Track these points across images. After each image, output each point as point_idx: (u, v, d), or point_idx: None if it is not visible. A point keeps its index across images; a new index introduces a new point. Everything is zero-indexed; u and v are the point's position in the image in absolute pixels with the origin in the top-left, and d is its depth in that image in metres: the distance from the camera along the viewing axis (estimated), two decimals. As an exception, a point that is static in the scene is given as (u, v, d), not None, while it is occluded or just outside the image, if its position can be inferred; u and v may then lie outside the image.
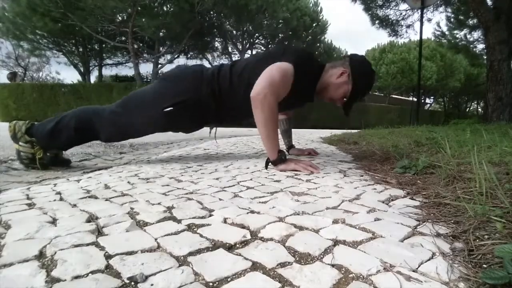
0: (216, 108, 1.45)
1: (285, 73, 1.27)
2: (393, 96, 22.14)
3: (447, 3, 8.12)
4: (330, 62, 1.49)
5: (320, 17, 17.22)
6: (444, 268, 0.44)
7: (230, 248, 0.53)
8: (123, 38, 13.83)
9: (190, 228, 0.61)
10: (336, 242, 0.54)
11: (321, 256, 0.49)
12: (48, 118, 1.51)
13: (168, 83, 1.46)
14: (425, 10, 6.78)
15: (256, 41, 17.26)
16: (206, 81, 1.41)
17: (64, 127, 1.41)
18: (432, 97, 23.61)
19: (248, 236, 0.57)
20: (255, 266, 0.46)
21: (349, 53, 1.59)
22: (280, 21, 15.11)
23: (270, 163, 1.31)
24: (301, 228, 0.61)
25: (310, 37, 17.18)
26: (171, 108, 1.38)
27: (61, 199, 0.85)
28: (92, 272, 0.44)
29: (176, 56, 14.99)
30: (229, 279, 0.43)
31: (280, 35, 16.35)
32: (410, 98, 22.73)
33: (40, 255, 0.49)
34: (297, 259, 0.49)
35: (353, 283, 0.41)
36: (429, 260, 0.47)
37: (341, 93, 1.42)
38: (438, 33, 10.78)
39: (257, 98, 1.22)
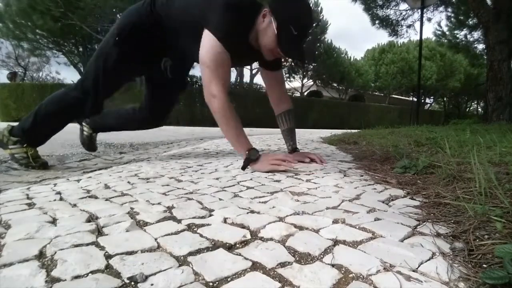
0: (162, 34, 1.38)
1: (217, 58, 1.19)
2: (393, 96, 22.14)
3: (447, 3, 8.12)
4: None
5: (320, 17, 17.22)
6: (444, 268, 0.44)
7: (230, 248, 0.53)
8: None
9: (190, 228, 0.61)
10: (336, 242, 0.54)
11: (321, 256, 0.49)
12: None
13: (118, 22, 1.46)
14: (425, 10, 6.78)
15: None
16: (146, 3, 1.38)
17: (44, 116, 1.41)
18: (432, 97, 23.60)
19: (248, 236, 0.57)
20: (255, 266, 0.46)
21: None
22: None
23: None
24: (301, 228, 0.61)
25: (310, 37, 17.17)
26: (119, 36, 1.36)
27: (61, 199, 0.85)
28: (92, 272, 0.44)
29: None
30: (229, 279, 0.43)
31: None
32: (410, 98, 22.75)
33: (40, 255, 0.49)
34: (297, 259, 0.49)
35: (353, 283, 0.41)
36: (429, 260, 0.47)
37: (271, 36, 1.21)
38: (439, 32, 10.79)
39: (208, 101, 1.22)
